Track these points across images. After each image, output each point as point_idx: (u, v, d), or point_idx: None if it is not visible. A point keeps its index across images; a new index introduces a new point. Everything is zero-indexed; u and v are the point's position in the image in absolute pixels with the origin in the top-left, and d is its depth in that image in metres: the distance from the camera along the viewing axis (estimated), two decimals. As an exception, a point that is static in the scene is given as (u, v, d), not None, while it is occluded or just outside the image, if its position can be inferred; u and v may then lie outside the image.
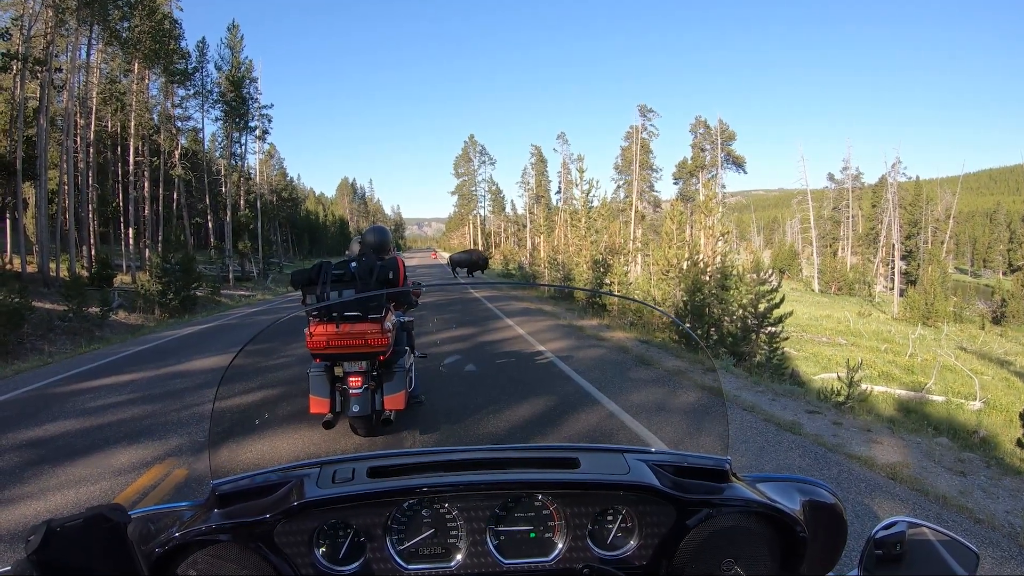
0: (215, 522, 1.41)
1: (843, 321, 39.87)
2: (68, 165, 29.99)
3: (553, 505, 1.54)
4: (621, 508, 1.55)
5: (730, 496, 1.55)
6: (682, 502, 1.52)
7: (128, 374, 10.29)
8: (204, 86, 45.32)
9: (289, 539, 1.44)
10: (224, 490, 1.50)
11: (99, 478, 5.28)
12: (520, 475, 1.59)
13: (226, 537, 1.40)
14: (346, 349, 5.51)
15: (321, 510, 1.45)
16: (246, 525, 1.41)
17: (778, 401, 8.52)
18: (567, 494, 1.54)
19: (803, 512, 1.53)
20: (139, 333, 17.84)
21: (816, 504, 1.57)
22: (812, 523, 1.52)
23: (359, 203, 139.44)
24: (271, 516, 1.42)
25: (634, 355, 11.57)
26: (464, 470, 1.61)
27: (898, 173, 64.27)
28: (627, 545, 1.55)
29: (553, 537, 1.55)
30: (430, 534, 1.52)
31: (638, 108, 63.44)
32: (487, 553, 1.52)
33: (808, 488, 1.62)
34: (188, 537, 1.37)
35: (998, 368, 27.83)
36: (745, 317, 15.21)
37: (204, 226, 49.34)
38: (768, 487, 1.62)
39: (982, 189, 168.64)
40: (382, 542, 1.49)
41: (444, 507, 1.52)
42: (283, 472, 1.63)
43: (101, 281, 27.36)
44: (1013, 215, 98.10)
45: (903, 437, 7.08)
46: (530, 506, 1.55)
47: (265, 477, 1.59)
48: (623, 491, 1.53)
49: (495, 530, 1.53)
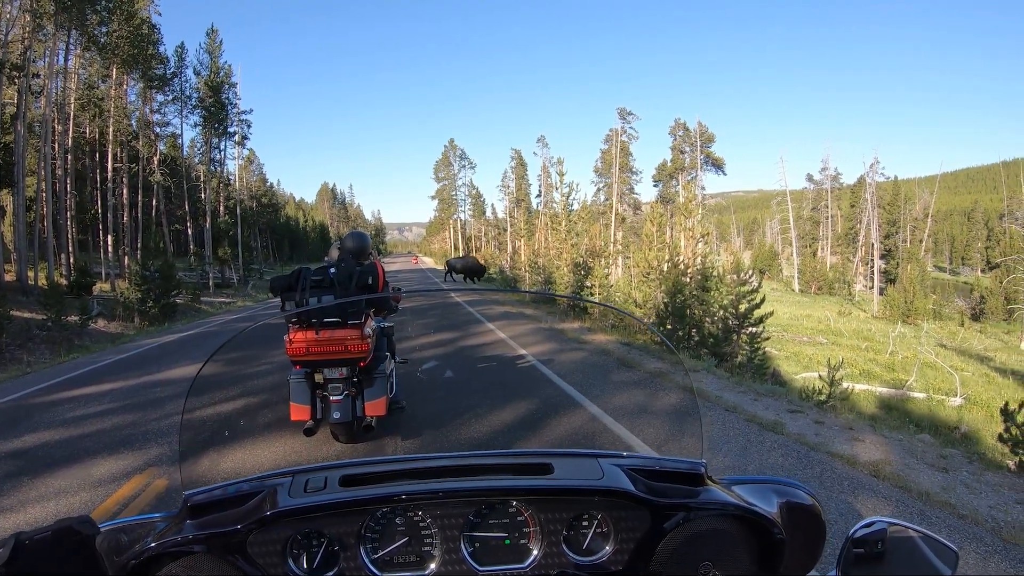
0: (188, 533, 1.40)
1: (823, 320, 40.24)
2: (46, 172, 29.78)
3: (527, 511, 1.53)
4: (596, 513, 1.54)
5: (706, 499, 1.55)
6: (657, 506, 1.51)
7: (108, 383, 10.20)
8: (183, 91, 45.01)
9: (263, 549, 1.43)
10: (197, 500, 1.49)
11: (79, 489, 5.24)
12: (493, 482, 1.57)
13: (199, 548, 1.39)
14: (326, 355, 5.48)
15: (294, 520, 1.45)
16: (219, 535, 1.41)
17: (760, 401, 8.57)
18: (541, 500, 1.54)
19: (780, 514, 1.53)
20: (119, 341, 17.70)
21: (793, 505, 1.58)
22: (789, 524, 1.52)
23: (339, 208, 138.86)
24: (243, 526, 1.41)
25: (615, 358, 11.59)
26: (437, 477, 1.61)
27: (876, 173, 64.84)
28: (603, 550, 1.55)
29: (528, 543, 1.54)
30: (404, 542, 1.51)
31: (617, 111, 63.64)
32: (462, 560, 1.51)
33: (785, 489, 1.63)
34: (161, 548, 1.36)
35: (978, 364, 28.27)
36: (726, 318, 15.32)
37: (184, 233, 48.83)
38: (744, 489, 1.62)
39: (960, 188, 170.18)
40: (356, 551, 1.48)
41: (418, 515, 1.51)
42: (256, 482, 1.61)
43: (80, 289, 27.08)
44: (990, 213, 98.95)
45: (885, 435, 7.15)
46: (504, 512, 1.54)
47: (238, 487, 1.58)
48: (597, 496, 1.52)
49: (470, 537, 1.53)
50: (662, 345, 14.10)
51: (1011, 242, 49.62)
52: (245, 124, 50.14)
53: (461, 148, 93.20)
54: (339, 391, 5.58)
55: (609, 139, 64.40)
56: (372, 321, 5.96)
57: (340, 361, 5.52)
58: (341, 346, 5.46)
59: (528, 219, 44.12)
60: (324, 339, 5.44)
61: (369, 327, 5.71)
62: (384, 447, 6.19)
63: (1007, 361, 29.28)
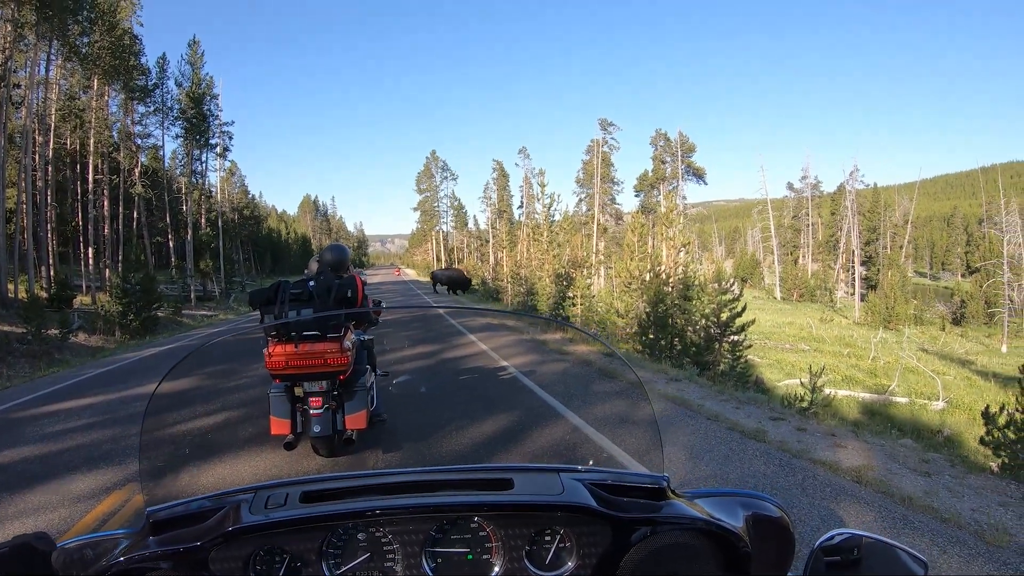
0: (152, 549, 1.40)
1: (805, 327, 40.47)
2: (26, 183, 29.51)
3: (489, 526, 1.52)
4: (558, 528, 1.53)
5: (668, 514, 1.54)
6: (619, 521, 1.50)
7: (88, 398, 10.15)
8: (164, 103, 44.95)
9: (225, 565, 1.43)
10: (159, 517, 1.49)
11: (58, 505, 5.21)
12: (453, 498, 1.58)
13: (164, 564, 1.39)
14: (306, 369, 5.43)
15: (255, 536, 1.44)
16: (181, 552, 1.41)
17: (742, 409, 8.61)
18: (502, 515, 1.53)
19: (746, 527, 1.53)
20: (99, 355, 17.61)
21: (760, 518, 1.57)
22: (756, 537, 1.52)
23: (321, 220, 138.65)
24: (205, 543, 1.41)
25: (597, 368, 11.59)
26: (399, 493, 1.61)
27: (856, 181, 65.50)
28: (565, 565, 1.53)
29: (491, 559, 1.53)
30: (366, 558, 1.50)
31: (599, 122, 63.95)
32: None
33: (752, 502, 1.62)
34: (124, 565, 1.36)
35: (959, 368, 28.53)
36: (708, 327, 15.38)
37: (165, 245, 48.61)
38: (709, 502, 1.61)
39: (939, 194, 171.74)
40: (317, 567, 1.48)
41: (379, 531, 1.51)
42: (218, 498, 1.61)
43: (60, 302, 26.93)
44: (970, 218, 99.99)
45: (867, 440, 7.20)
46: (466, 528, 1.53)
47: (200, 503, 1.59)
48: (559, 512, 1.52)
49: (431, 552, 1.52)
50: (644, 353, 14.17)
51: (990, 246, 50.38)
52: (227, 136, 50.25)
53: (443, 159, 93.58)
54: (319, 405, 5.52)
55: (590, 150, 64.68)
56: (352, 334, 5.95)
57: (320, 375, 5.48)
58: (320, 360, 5.42)
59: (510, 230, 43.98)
60: (303, 353, 5.38)
61: (349, 340, 5.69)
62: (365, 460, 6.17)
63: (988, 364, 29.50)
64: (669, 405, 8.77)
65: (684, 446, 6.74)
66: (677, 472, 5.68)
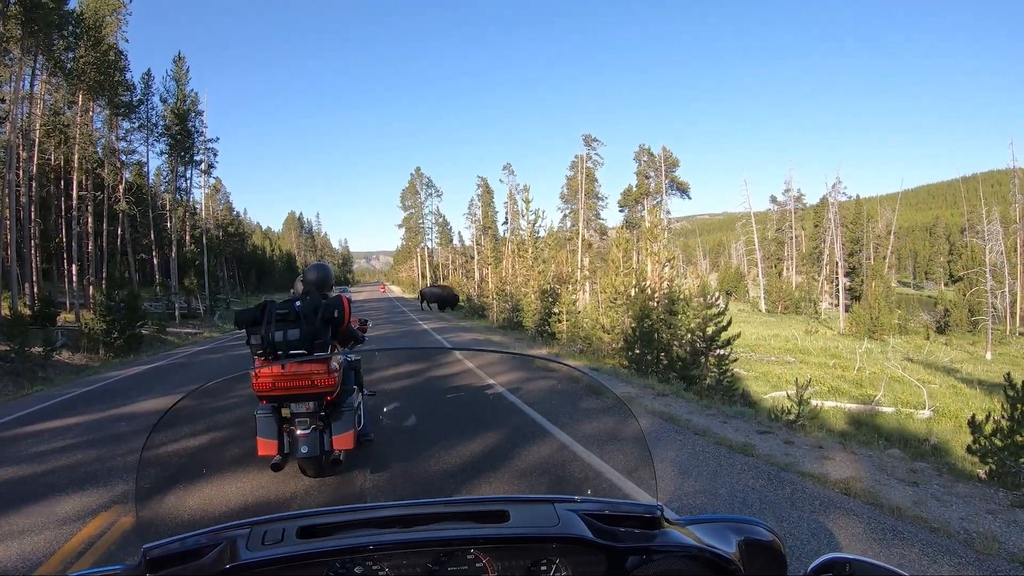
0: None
1: (791, 339, 40.67)
2: (10, 199, 29.29)
3: (485, 558, 1.53)
4: (554, 559, 1.54)
5: (663, 543, 1.56)
6: (614, 551, 1.52)
7: (72, 417, 10.08)
8: (149, 119, 44.81)
9: None
10: (155, 555, 1.48)
11: (43, 528, 5.16)
12: (449, 532, 1.58)
13: None
14: (293, 390, 5.37)
15: (253, 573, 1.44)
16: None
17: (729, 423, 8.63)
18: (498, 548, 1.54)
19: (739, 552, 1.54)
20: (84, 374, 17.49)
21: (752, 543, 1.59)
22: (749, 562, 1.53)
23: (306, 237, 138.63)
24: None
25: (584, 384, 11.59)
26: (395, 526, 1.61)
27: (839, 193, 66.00)
28: None
29: None
30: None
31: (583, 138, 64.28)
32: None
33: (744, 527, 1.64)
34: None
35: (945, 376, 28.63)
36: (694, 341, 15.42)
37: (149, 262, 48.41)
38: (702, 529, 1.63)
39: (920, 204, 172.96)
40: None
41: (377, 565, 1.50)
42: (213, 534, 1.60)
43: (44, 320, 26.69)
44: (951, 228, 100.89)
45: (855, 451, 7.22)
46: (463, 560, 1.53)
47: (196, 540, 1.58)
48: (555, 543, 1.53)
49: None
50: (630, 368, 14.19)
51: (973, 255, 50.80)
52: (211, 153, 50.24)
53: (427, 176, 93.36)
54: (306, 425, 5.44)
55: (575, 165, 64.97)
56: (339, 354, 5.92)
57: (307, 395, 5.41)
58: (307, 380, 5.36)
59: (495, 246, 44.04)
60: (290, 373, 5.33)
61: (336, 361, 5.60)
62: (353, 480, 6.15)
63: (973, 372, 29.79)
64: (656, 421, 8.77)
65: (672, 462, 6.74)
66: (666, 488, 5.67)
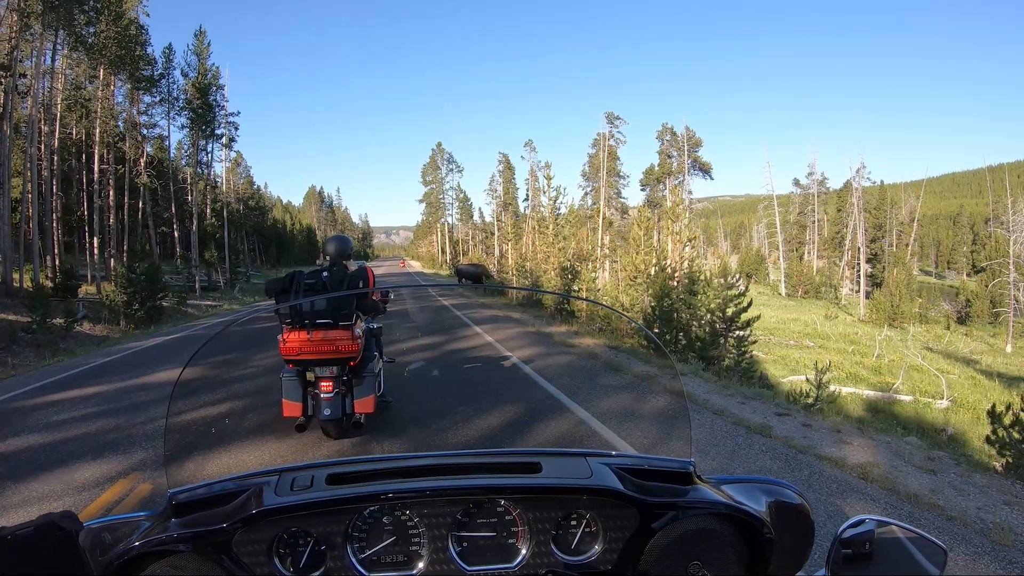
0: (173, 532, 1.38)
1: (810, 324, 40.29)
2: (32, 173, 29.59)
3: (516, 510, 1.52)
4: (585, 512, 1.53)
5: (694, 498, 1.54)
6: (646, 505, 1.50)
7: (92, 387, 10.11)
8: (170, 93, 44.90)
9: (248, 548, 1.41)
10: (181, 499, 1.47)
11: (63, 494, 5.18)
12: (481, 480, 1.56)
13: (184, 547, 1.37)
14: (318, 355, 5.70)
15: (280, 518, 1.43)
16: (204, 534, 1.39)
17: (747, 404, 8.57)
18: (529, 499, 1.53)
19: (769, 513, 1.52)
20: (104, 345, 17.61)
21: (782, 505, 1.57)
22: (778, 524, 1.52)
23: (327, 212, 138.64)
24: (229, 525, 1.39)
25: (603, 361, 11.55)
26: (425, 476, 1.60)
27: (863, 178, 64.98)
28: (591, 550, 1.54)
29: (516, 543, 1.53)
30: (391, 542, 1.50)
31: (605, 115, 63.39)
32: (449, 560, 1.50)
33: (773, 489, 1.62)
34: (146, 547, 1.34)
35: (964, 367, 28.27)
36: (713, 321, 15.32)
37: (170, 235, 48.58)
38: (733, 488, 1.61)
39: (945, 193, 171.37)
40: (343, 550, 1.47)
41: (405, 514, 1.50)
42: (241, 480, 1.59)
43: (66, 292, 26.93)
44: (976, 217, 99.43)
45: (873, 437, 7.15)
46: (492, 512, 1.53)
47: (223, 486, 1.57)
48: (586, 495, 1.52)
49: (457, 536, 1.51)
50: (648, 348, 14.11)
51: (996, 246, 49.92)
52: (232, 126, 50.17)
53: (449, 152, 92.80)
54: (330, 389, 5.76)
55: (597, 143, 64.26)
56: (362, 322, 6.22)
57: (331, 360, 5.73)
58: (332, 346, 5.69)
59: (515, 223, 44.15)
60: (316, 339, 5.66)
61: (359, 328, 5.97)
62: (371, 444, 6.33)
63: (993, 364, 29.33)
64: (674, 399, 8.72)
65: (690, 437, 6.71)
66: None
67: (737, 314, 14.89)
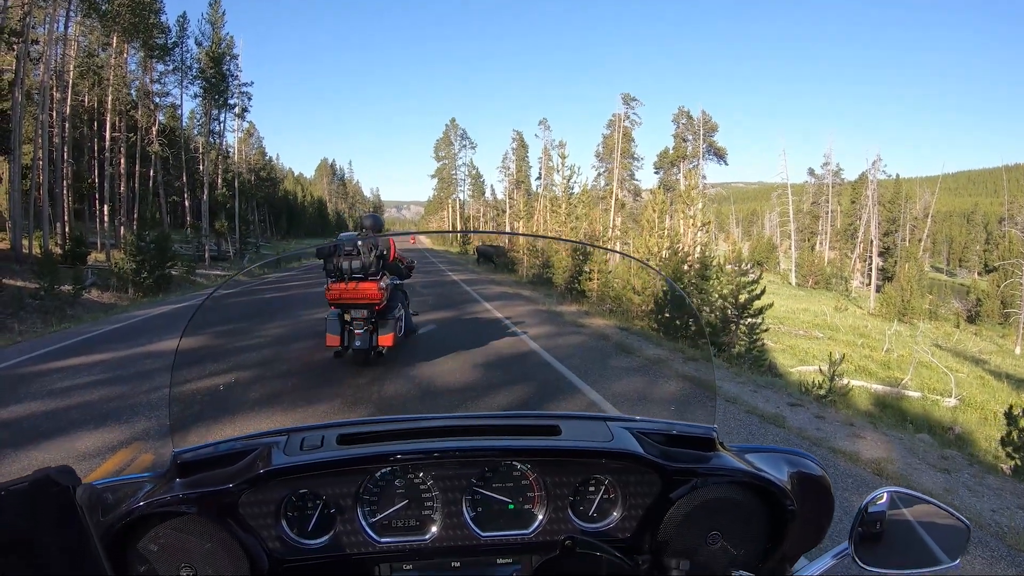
0: (178, 492, 1.32)
1: (820, 315, 40.33)
2: (43, 140, 29.47)
3: (532, 475, 1.48)
4: (604, 478, 1.50)
5: (717, 465, 1.50)
6: (667, 471, 1.47)
7: (97, 354, 10.05)
8: (184, 61, 44.66)
9: (255, 510, 1.38)
10: (186, 459, 1.41)
11: (63, 462, 5.05)
12: (497, 442, 1.51)
13: (189, 508, 1.31)
14: (352, 300, 7.72)
15: (288, 479, 1.39)
16: (210, 495, 1.34)
17: (760, 393, 8.53)
18: (547, 462, 1.49)
19: (790, 484, 1.48)
20: (111, 312, 17.59)
21: (804, 476, 1.52)
22: (799, 495, 1.47)
23: (338, 184, 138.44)
24: (235, 485, 1.34)
25: (615, 342, 11.52)
26: (439, 437, 1.55)
27: (878, 171, 64.77)
28: (610, 517, 1.51)
29: (533, 508, 1.50)
30: (403, 505, 1.46)
31: (621, 96, 63.02)
32: (463, 525, 1.46)
33: (795, 460, 1.57)
34: (149, 508, 1.28)
35: (973, 366, 28.40)
36: (725, 308, 15.22)
37: (181, 204, 48.64)
38: (755, 458, 1.57)
39: (959, 190, 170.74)
40: (353, 513, 1.43)
41: (418, 476, 1.46)
42: (249, 440, 1.55)
43: (75, 259, 26.77)
44: (989, 216, 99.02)
45: (886, 432, 7.15)
46: (508, 476, 1.49)
47: (230, 445, 1.51)
48: (605, 459, 1.48)
49: (472, 501, 1.48)
50: (659, 331, 14.04)
51: (1010, 246, 49.66)
52: (245, 96, 49.98)
53: (462, 128, 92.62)
54: (360, 326, 7.82)
55: (611, 124, 63.96)
56: (387, 278, 8.14)
57: (362, 305, 7.74)
58: (363, 294, 7.69)
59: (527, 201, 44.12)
60: (351, 289, 7.70)
61: (384, 282, 7.93)
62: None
63: (1002, 364, 29.42)
64: (687, 385, 8.63)
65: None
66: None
67: (750, 301, 14.79)
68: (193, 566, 1.32)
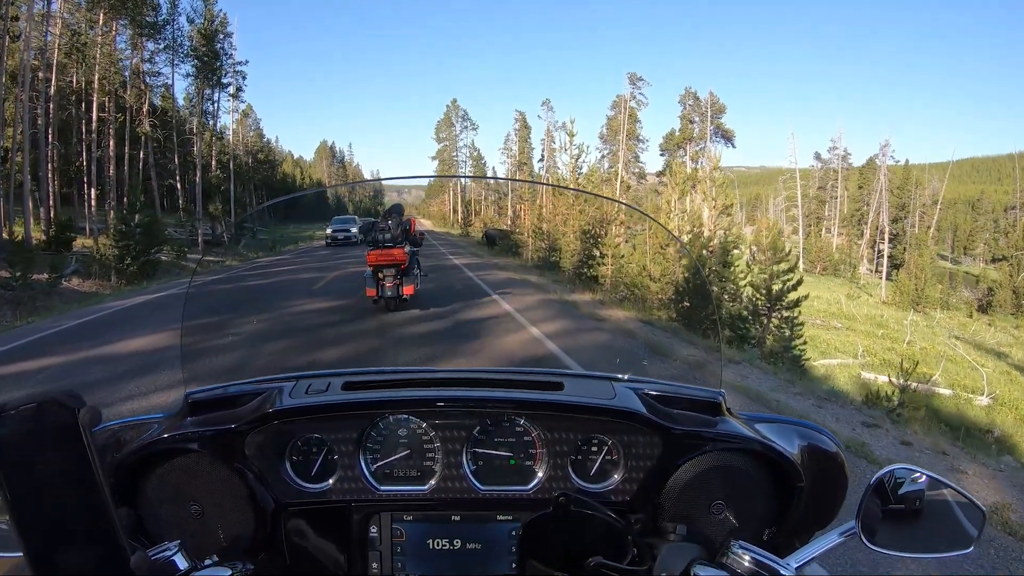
0: (186, 430, 1.38)
1: (833, 303, 40.08)
2: (25, 120, 28.51)
3: (535, 431, 1.45)
4: (607, 438, 1.45)
5: (723, 431, 1.43)
6: (671, 433, 1.41)
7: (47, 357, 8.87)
8: (175, 40, 43.69)
9: (260, 451, 1.41)
10: (197, 398, 1.47)
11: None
12: (499, 393, 1.50)
13: (197, 446, 1.37)
14: (384, 261, 10.82)
15: (293, 422, 1.43)
16: (217, 434, 1.38)
17: (825, 408, 7.38)
18: (549, 417, 1.45)
19: (801, 457, 1.40)
20: (87, 302, 16.43)
21: (816, 451, 1.44)
22: (810, 471, 1.39)
23: (338, 167, 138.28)
24: (242, 424, 1.38)
25: (642, 340, 10.70)
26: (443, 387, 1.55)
27: (887, 156, 64.26)
28: (611, 478, 1.46)
29: (533, 465, 1.46)
30: (405, 455, 1.45)
31: (627, 76, 62.42)
32: (463, 478, 1.45)
33: (809, 433, 1.49)
34: (158, 446, 1.34)
35: (996, 360, 27.98)
36: (755, 298, 14.07)
37: (175, 188, 47.87)
38: (765, 427, 1.47)
39: (965, 177, 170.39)
40: (355, 460, 1.44)
41: (421, 427, 1.45)
42: (258, 383, 1.58)
43: (60, 245, 25.95)
44: (996, 204, 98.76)
45: (984, 463, 6.16)
46: (511, 431, 1.46)
47: (240, 387, 1.56)
48: (607, 416, 1.43)
49: (473, 454, 1.46)
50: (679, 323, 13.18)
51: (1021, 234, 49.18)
52: (240, 76, 49.45)
53: (464, 109, 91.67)
54: (390, 280, 10.88)
55: (616, 105, 63.26)
56: (408, 247, 11.25)
57: (391, 265, 10.86)
58: (392, 258, 10.79)
59: (531, 182, 43.97)
60: (383, 253, 10.78)
61: (406, 249, 11.06)
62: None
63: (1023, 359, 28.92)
64: (739, 398, 7.34)
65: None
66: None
67: (785, 291, 13.54)
68: (200, 503, 1.36)
